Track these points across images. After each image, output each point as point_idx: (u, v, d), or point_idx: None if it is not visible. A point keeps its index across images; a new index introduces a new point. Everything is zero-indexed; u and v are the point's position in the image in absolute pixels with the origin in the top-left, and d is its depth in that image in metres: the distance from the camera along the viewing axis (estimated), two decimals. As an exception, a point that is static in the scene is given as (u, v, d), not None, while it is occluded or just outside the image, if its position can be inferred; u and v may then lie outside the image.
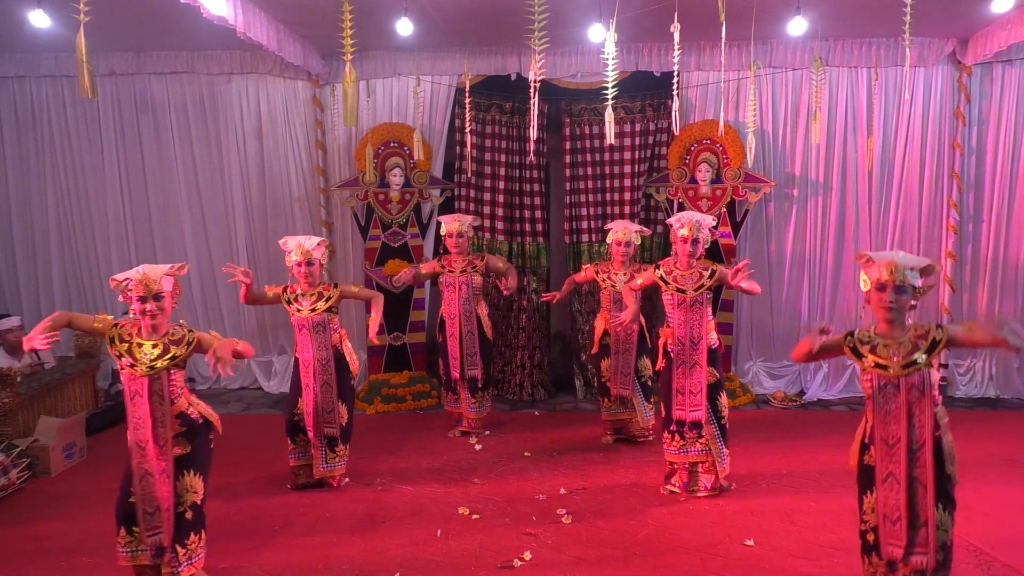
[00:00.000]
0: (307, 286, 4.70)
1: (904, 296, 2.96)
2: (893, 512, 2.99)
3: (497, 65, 6.71)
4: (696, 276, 4.49)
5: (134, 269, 3.36)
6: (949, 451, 2.98)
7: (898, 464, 2.97)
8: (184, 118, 7.12)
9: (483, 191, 6.93)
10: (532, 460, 5.36)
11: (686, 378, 4.51)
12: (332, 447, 4.77)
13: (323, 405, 4.70)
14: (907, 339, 2.97)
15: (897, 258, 2.99)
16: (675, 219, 4.59)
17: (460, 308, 5.68)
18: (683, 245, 4.48)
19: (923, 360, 2.92)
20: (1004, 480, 4.82)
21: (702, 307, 4.49)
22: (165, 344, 3.34)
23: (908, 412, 2.94)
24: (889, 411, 2.98)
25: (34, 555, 4.00)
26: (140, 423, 3.30)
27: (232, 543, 4.10)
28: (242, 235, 7.25)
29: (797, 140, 6.78)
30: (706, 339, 4.49)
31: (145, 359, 3.30)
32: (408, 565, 3.82)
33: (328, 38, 5.55)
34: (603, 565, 3.82)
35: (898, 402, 2.95)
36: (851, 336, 3.11)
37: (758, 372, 7.09)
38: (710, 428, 4.52)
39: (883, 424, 3.01)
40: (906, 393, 2.94)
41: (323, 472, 4.78)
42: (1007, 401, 6.76)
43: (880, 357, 2.99)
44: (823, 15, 5.66)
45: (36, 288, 7.38)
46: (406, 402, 6.69)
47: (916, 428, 2.93)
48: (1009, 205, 6.69)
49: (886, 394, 2.98)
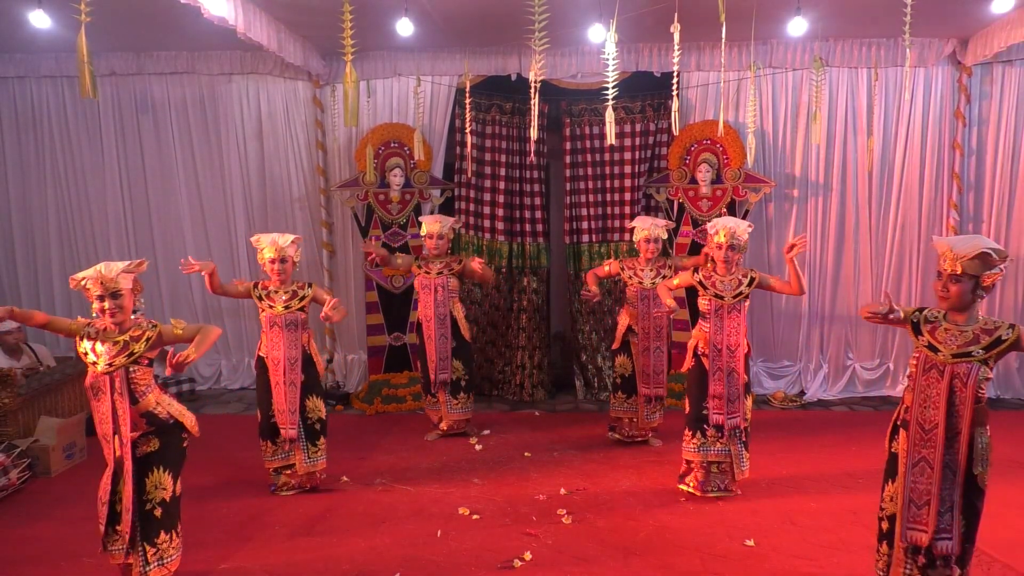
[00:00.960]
0: (279, 283, 4.65)
1: (956, 285, 2.86)
2: (921, 497, 2.96)
3: (497, 65, 6.71)
4: (735, 283, 4.45)
5: (93, 268, 3.31)
6: (981, 451, 2.91)
7: (932, 449, 2.92)
8: (184, 118, 7.12)
9: (483, 191, 6.94)
10: (532, 460, 5.36)
11: (723, 385, 4.46)
12: (314, 441, 4.73)
13: (290, 405, 4.63)
14: (971, 330, 2.90)
15: (953, 245, 2.88)
16: (711, 225, 4.52)
17: (434, 311, 5.62)
18: (718, 251, 4.43)
19: (978, 354, 2.85)
20: (1004, 480, 4.81)
21: (739, 314, 4.44)
22: (125, 342, 3.31)
23: (948, 400, 2.87)
24: (929, 396, 2.93)
25: (34, 555, 4.00)
26: (103, 418, 3.31)
27: (232, 543, 4.10)
28: (242, 235, 7.25)
29: (797, 140, 6.78)
30: (742, 346, 4.46)
31: (105, 356, 3.28)
32: (408, 565, 3.82)
33: (328, 38, 5.55)
34: (603, 565, 3.82)
35: (939, 388, 2.89)
36: (919, 312, 3.06)
37: (758, 372, 7.09)
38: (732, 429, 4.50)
39: (921, 408, 2.96)
40: (949, 380, 2.87)
41: (307, 467, 4.72)
42: (1007, 401, 6.77)
43: (936, 339, 2.93)
44: (823, 15, 5.66)
45: (36, 288, 7.38)
46: (406, 402, 6.69)
47: (955, 417, 2.88)
48: (1009, 206, 6.70)
49: (929, 378, 2.93)
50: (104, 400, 3.29)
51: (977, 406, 2.88)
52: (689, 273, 4.65)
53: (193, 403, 6.87)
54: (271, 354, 4.65)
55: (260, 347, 4.72)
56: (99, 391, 3.30)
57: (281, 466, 4.76)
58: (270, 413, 4.67)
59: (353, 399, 6.86)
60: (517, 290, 7.03)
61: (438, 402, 5.77)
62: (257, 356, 4.74)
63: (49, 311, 7.26)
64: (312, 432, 4.72)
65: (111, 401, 3.28)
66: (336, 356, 7.27)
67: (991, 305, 6.82)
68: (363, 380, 7.10)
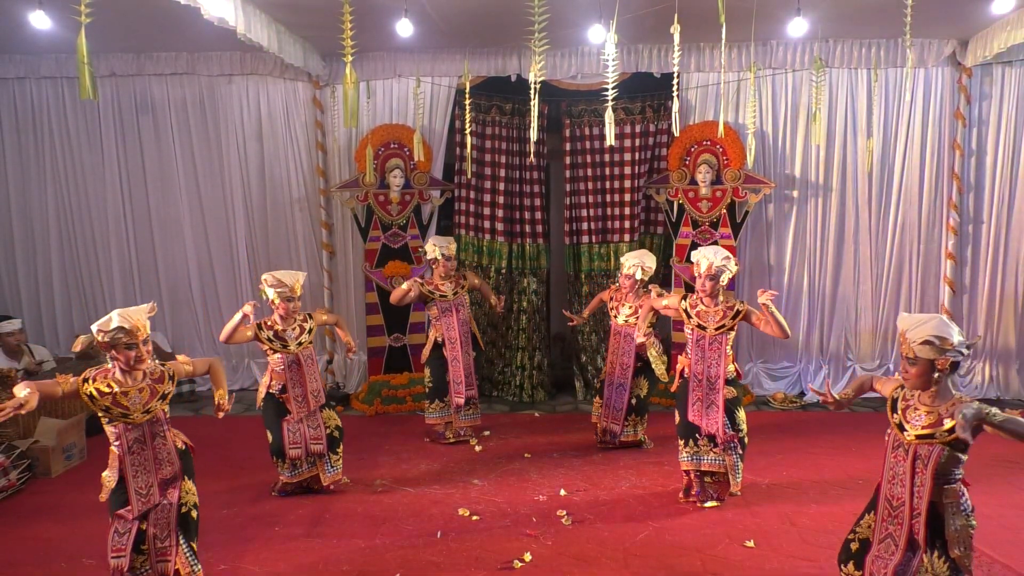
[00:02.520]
0: (285, 320, 4.63)
1: (914, 368, 2.79)
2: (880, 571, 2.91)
3: (497, 66, 6.72)
4: (720, 315, 4.39)
5: (113, 317, 3.15)
6: (955, 534, 2.76)
7: (899, 527, 2.87)
8: (184, 119, 7.12)
9: (483, 192, 6.94)
10: (532, 461, 5.36)
11: (702, 417, 4.43)
12: (335, 449, 4.78)
13: (316, 432, 4.68)
14: (939, 410, 2.79)
15: (908, 328, 2.81)
16: (695, 255, 4.46)
17: (458, 330, 5.65)
18: (701, 281, 4.39)
19: (941, 436, 2.74)
20: (1004, 481, 4.82)
21: (720, 346, 4.39)
22: (150, 385, 3.27)
23: (911, 481, 2.81)
24: (896, 473, 2.88)
25: (34, 556, 4.00)
26: (143, 469, 3.25)
27: (232, 543, 4.10)
28: (242, 236, 7.25)
29: (797, 141, 6.78)
30: (723, 377, 4.39)
31: (138, 405, 3.22)
32: (408, 566, 3.83)
33: (328, 39, 5.55)
34: (603, 566, 3.82)
35: (905, 467, 2.83)
36: (900, 389, 2.97)
37: (758, 373, 7.09)
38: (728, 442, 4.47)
39: (890, 484, 2.92)
40: (912, 461, 2.80)
41: (331, 477, 4.76)
42: (1007, 402, 6.76)
43: (905, 418, 2.87)
44: (823, 16, 5.66)
45: (36, 288, 7.38)
46: (406, 403, 6.68)
47: (917, 498, 2.80)
48: (1009, 206, 6.70)
49: (897, 455, 2.89)
50: (143, 450, 3.24)
51: (946, 488, 2.77)
52: (678, 298, 4.62)
53: (193, 404, 6.87)
54: (294, 392, 4.64)
55: (269, 385, 4.67)
56: (136, 442, 3.23)
57: (302, 479, 4.73)
58: (281, 438, 4.65)
59: (353, 400, 6.86)
60: (517, 291, 7.03)
61: (447, 408, 5.73)
62: (267, 393, 4.68)
63: (49, 311, 7.33)
64: (332, 441, 4.75)
65: (152, 449, 3.26)
66: (336, 357, 7.27)
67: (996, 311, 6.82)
68: (363, 381, 7.10)
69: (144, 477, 3.26)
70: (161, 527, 3.29)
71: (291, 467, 4.68)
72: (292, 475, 4.71)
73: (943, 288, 6.84)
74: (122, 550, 3.23)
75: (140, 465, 3.26)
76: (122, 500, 3.26)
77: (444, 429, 5.78)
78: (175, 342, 7.33)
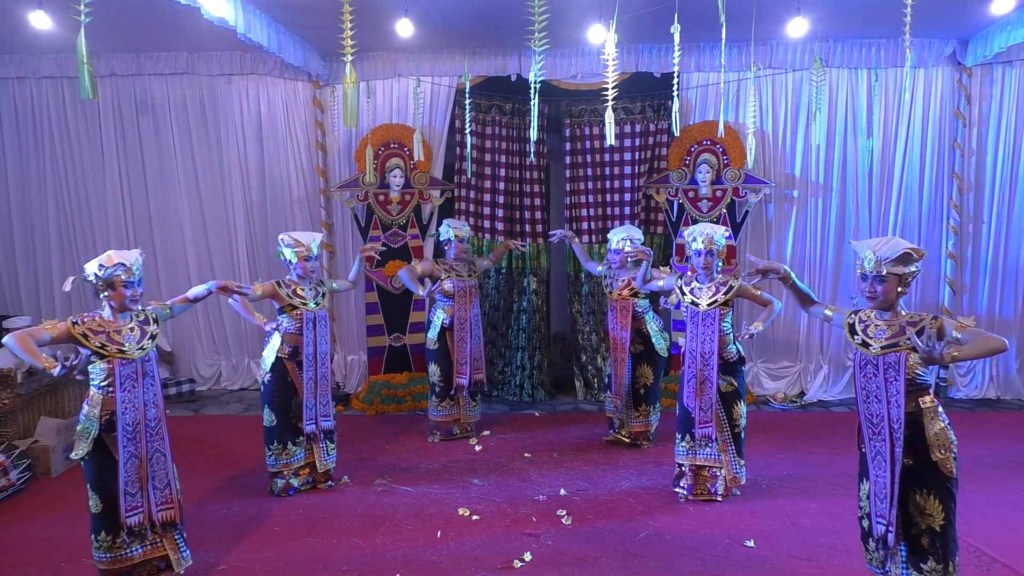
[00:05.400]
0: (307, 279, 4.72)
1: (882, 285, 3.02)
2: (881, 489, 3.07)
3: (497, 66, 6.71)
4: (713, 291, 4.43)
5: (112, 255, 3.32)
6: (936, 440, 2.97)
7: (883, 442, 3.04)
8: (184, 119, 7.12)
9: (483, 192, 6.94)
10: (532, 461, 5.36)
11: (697, 394, 4.44)
12: (332, 438, 4.84)
13: (321, 399, 4.72)
14: (898, 323, 3.04)
15: (876, 248, 3.05)
16: (688, 232, 4.50)
17: (469, 312, 5.71)
18: (698, 258, 4.42)
19: (904, 344, 2.97)
20: (1004, 481, 4.83)
21: (714, 322, 4.40)
22: (139, 326, 3.41)
23: (886, 391, 3.01)
24: (869, 391, 3.10)
25: (34, 556, 4.00)
26: (132, 407, 3.34)
27: (232, 543, 4.10)
28: (242, 235, 7.26)
29: (797, 141, 6.78)
30: (717, 354, 4.39)
31: (132, 343, 3.35)
32: (408, 565, 3.83)
33: (328, 39, 5.55)
34: (603, 566, 3.82)
35: (877, 382, 3.05)
36: (855, 314, 3.23)
37: (758, 373, 7.09)
38: (723, 436, 4.49)
39: (865, 403, 3.13)
40: (884, 373, 3.01)
41: (327, 465, 4.81)
42: (1007, 402, 6.76)
43: (868, 336, 3.10)
44: (823, 16, 5.66)
45: (36, 287, 7.38)
46: (406, 403, 6.68)
47: (895, 407, 2.99)
48: (1009, 206, 6.69)
49: (866, 374, 3.10)
50: (133, 387, 3.34)
51: (918, 395, 2.99)
52: (676, 276, 4.65)
53: (193, 404, 6.87)
54: (307, 351, 4.64)
55: (280, 348, 4.65)
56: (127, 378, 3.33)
57: (294, 468, 4.74)
58: (291, 414, 4.68)
59: (353, 399, 6.86)
60: (517, 290, 7.03)
61: (456, 404, 5.76)
62: (277, 358, 4.66)
63: (48, 311, 7.33)
64: (328, 430, 4.81)
65: (142, 386, 3.36)
66: (336, 356, 7.27)
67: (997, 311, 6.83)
68: (363, 381, 7.10)
69: (132, 414, 3.34)
70: (160, 477, 3.44)
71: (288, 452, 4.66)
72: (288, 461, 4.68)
73: (943, 288, 6.84)
74: (138, 507, 3.39)
75: (130, 403, 3.33)
76: (101, 462, 3.33)
77: (452, 425, 5.80)
78: (175, 341, 7.33)
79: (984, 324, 6.86)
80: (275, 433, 4.68)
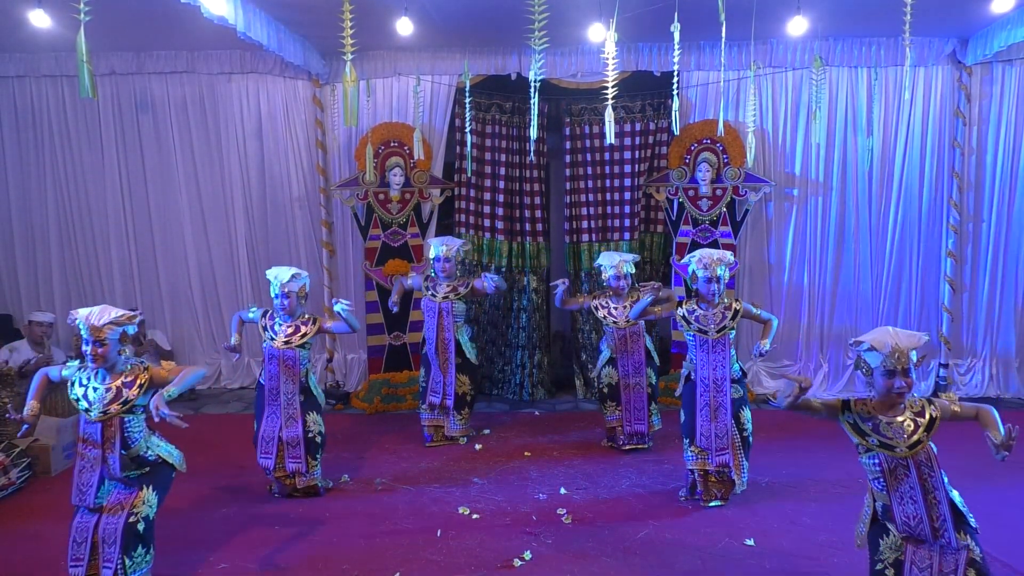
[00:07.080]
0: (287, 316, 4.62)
1: (909, 378, 2.84)
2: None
3: (497, 65, 6.71)
4: (719, 316, 4.39)
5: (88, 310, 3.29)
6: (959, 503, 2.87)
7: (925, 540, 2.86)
8: (184, 118, 7.12)
9: (483, 191, 6.93)
10: (532, 460, 5.36)
11: (711, 422, 4.39)
12: (315, 455, 4.67)
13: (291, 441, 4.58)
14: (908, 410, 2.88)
15: (902, 341, 2.84)
16: (696, 259, 4.41)
17: (438, 335, 5.54)
18: (707, 285, 4.37)
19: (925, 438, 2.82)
20: (1004, 480, 4.82)
21: (724, 348, 4.38)
22: (118, 388, 3.23)
23: (923, 489, 2.81)
24: (903, 493, 2.86)
25: (34, 555, 4.00)
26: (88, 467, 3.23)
27: (231, 543, 4.10)
28: (242, 235, 7.25)
29: (797, 140, 6.78)
30: (729, 378, 4.38)
31: (98, 404, 3.19)
32: (408, 564, 3.83)
33: (328, 38, 5.54)
34: (603, 565, 3.82)
35: (912, 481, 2.83)
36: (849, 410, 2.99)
37: (758, 372, 7.09)
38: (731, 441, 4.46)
39: (900, 506, 2.88)
40: (917, 470, 2.82)
41: (308, 481, 4.68)
42: (1007, 401, 6.76)
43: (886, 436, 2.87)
44: (823, 14, 5.65)
45: (36, 288, 7.37)
46: (406, 401, 6.68)
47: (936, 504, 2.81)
48: (1009, 205, 6.69)
49: (897, 475, 2.86)
50: (91, 448, 3.21)
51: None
52: (675, 305, 4.59)
53: (193, 403, 6.86)
54: (269, 384, 4.62)
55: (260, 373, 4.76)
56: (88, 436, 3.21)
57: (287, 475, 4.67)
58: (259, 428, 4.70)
59: (353, 398, 6.86)
60: (517, 289, 7.03)
61: (443, 410, 5.68)
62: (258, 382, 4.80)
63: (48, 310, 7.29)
64: (312, 445, 4.63)
65: (102, 451, 3.19)
66: (336, 355, 7.27)
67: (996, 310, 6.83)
68: (363, 379, 7.10)
69: (87, 475, 3.24)
70: (108, 533, 3.24)
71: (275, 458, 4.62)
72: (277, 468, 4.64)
73: (943, 287, 6.84)
74: (80, 559, 3.23)
75: (88, 461, 3.24)
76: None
77: (432, 432, 5.70)
78: (175, 341, 7.33)
79: (984, 323, 6.88)
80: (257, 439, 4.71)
